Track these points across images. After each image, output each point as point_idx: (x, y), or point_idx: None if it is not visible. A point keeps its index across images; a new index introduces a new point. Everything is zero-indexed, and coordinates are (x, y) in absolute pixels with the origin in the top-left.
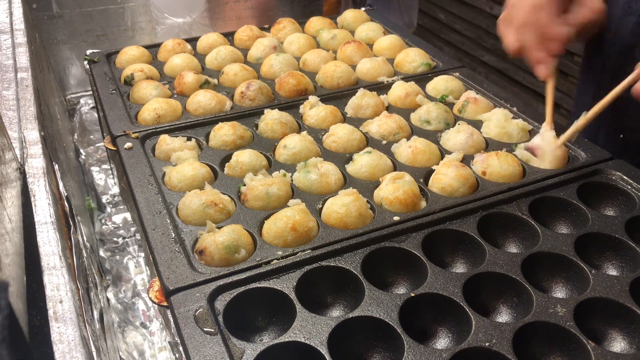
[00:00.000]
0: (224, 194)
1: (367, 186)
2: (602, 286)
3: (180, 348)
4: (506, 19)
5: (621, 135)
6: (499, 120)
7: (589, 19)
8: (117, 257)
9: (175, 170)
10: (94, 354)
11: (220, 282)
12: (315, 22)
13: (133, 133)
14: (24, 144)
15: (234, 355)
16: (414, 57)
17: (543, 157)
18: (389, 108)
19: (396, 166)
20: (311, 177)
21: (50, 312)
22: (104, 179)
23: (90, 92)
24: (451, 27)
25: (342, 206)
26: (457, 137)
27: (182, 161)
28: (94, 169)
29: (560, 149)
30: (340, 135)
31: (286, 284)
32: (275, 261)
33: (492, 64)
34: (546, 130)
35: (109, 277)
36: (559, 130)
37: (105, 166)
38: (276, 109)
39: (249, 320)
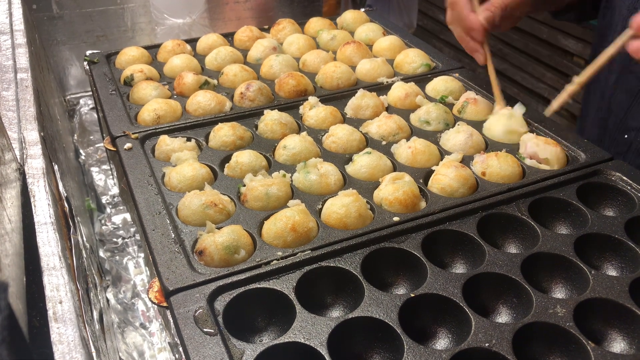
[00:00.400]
0: (223, 194)
1: (367, 187)
2: (602, 287)
3: (180, 349)
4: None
5: (626, 136)
6: (503, 118)
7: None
8: (117, 257)
9: (175, 170)
10: (94, 354)
11: (220, 282)
12: (315, 23)
13: (133, 134)
14: (23, 144)
15: (233, 355)
16: (413, 58)
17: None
18: (389, 109)
19: (396, 167)
20: (311, 178)
21: (50, 313)
22: (104, 179)
23: (90, 93)
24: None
25: (342, 207)
26: (456, 138)
27: (182, 162)
28: (94, 169)
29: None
30: (340, 135)
31: (286, 285)
32: (275, 262)
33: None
34: (500, 109)
35: (109, 277)
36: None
37: (105, 167)
38: (276, 110)
39: (249, 320)
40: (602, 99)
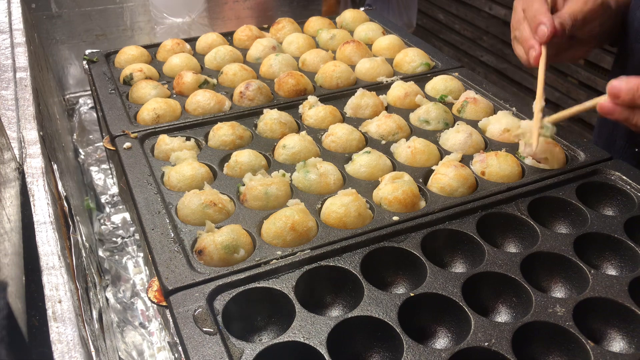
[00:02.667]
0: (223, 193)
1: (366, 186)
2: (601, 286)
3: (180, 348)
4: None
5: (636, 149)
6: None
7: (580, 9)
8: (116, 257)
9: (174, 170)
10: (93, 354)
11: (220, 282)
12: (315, 22)
13: (132, 133)
14: (22, 143)
15: (233, 355)
16: (413, 57)
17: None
18: (388, 108)
19: (395, 166)
20: (310, 177)
21: (49, 312)
22: (103, 178)
23: (89, 92)
24: (450, 27)
25: (342, 206)
26: (456, 137)
27: (181, 161)
28: (93, 168)
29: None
30: (339, 135)
31: (285, 284)
32: (274, 261)
33: (491, 64)
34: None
35: (108, 277)
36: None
37: (104, 166)
38: (275, 109)
39: (248, 320)
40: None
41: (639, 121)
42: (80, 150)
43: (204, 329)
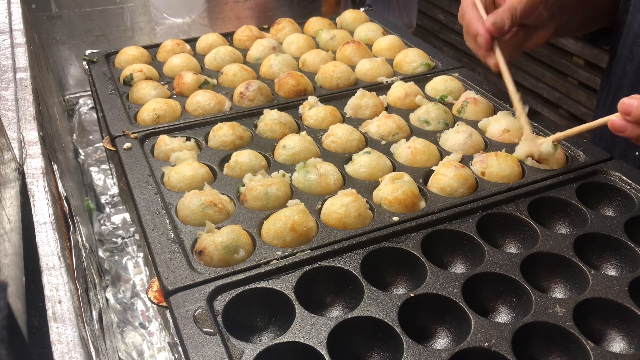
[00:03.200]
0: (223, 194)
1: (366, 186)
2: (601, 286)
3: (180, 348)
4: None
5: (637, 153)
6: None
7: (519, 1)
8: (116, 257)
9: (174, 170)
10: (93, 354)
11: (220, 282)
12: (315, 23)
13: (132, 133)
14: (22, 144)
15: (233, 355)
16: (413, 58)
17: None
18: (388, 108)
19: (395, 166)
20: (310, 178)
21: (49, 313)
22: (103, 179)
23: (89, 93)
24: (450, 28)
25: (342, 206)
26: (456, 138)
27: (181, 161)
28: (93, 169)
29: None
30: (339, 135)
31: (285, 284)
32: (274, 261)
33: None
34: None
35: (108, 277)
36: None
37: (104, 166)
38: (275, 109)
39: (248, 320)
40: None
41: None
42: (81, 151)
43: (204, 330)
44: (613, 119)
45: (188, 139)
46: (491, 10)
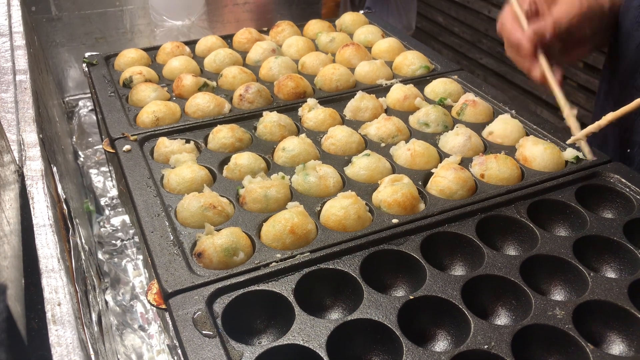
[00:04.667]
0: (222, 196)
1: (366, 189)
2: (601, 289)
3: (179, 351)
4: None
5: (628, 150)
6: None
7: (566, 15)
8: (116, 259)
9: (173, 172)
10: (92, 356)
11: (219, 284)
12: (314, 25)
13: (132, 135)
14: (22, 146)
15: (232, 357)
16: (412, 60)
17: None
18: (388, 111)
19: (395, 169)
20: (310, 180)
21: (49, 315)
22: (103, 181)
23: (89, 95)
24: (450, 30)
25: (341, 209)
26: (455, 140)
27: (181, 164)
28: (93, 171)
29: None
30: (339, 137)
31: (285, 287)
32: (273, 264)
33: (491, 67)
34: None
35: (108, 279)
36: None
37: (103, 169)
38: (275, 112)
39: (248, 322)
40: (604, 112)
41: None
42: (80, 153)
43: (204, 332)
44: None
45: (187, 141)
46: (533, 21)
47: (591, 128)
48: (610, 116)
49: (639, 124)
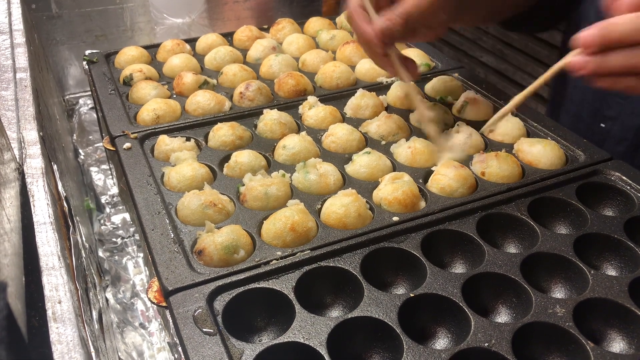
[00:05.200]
0: (223, 194)
1: (366, 186)
2: (601, 286)
3: (179, 348)
4: None
5: (602, 125)
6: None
7: (415, 5)
8: (116, 257)
9: (174, 170)
10: (93, 354)
11: (220, 282)
12: (315, 23)
13: (132, 133)
14: (22, 144)
15: (233, 355)
16: (413, 58)
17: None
18: (388, 108)
19: (395, 166)
20: (310, 178)
21: (49, 313)
22: (103, 179)
23: (89, 93)
24: (450, 28)
25: (341, 206)
26: (456, 138)
27: (181, 161)
28: (93, 169)
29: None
30: (339, 135)
31: (285, 285)
32: (274, 261)
33: (491, 65)
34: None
35: (108, 277)
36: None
37: (104, 166)
38: (275, 109)
39: (248, 320)
40: (575, 89)
41: (611, 64)
42: (80, 151)
43: (204, 330)
44: (570, 60)
45: (188, 139)
46: (384, 11)
47: (500, 113)
48: (517, 99)
49: (612, 99)
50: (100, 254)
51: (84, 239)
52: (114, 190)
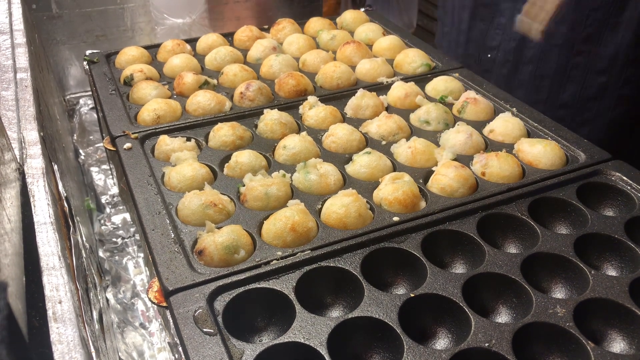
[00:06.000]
0: (223, 194)
1: (367, 187)
2: (602, 287)
3: (180, 349)
4: None
5: (489, 55)
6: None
7: None
8: (117, 257)
9: (174, 170)
10: (93, 354)
11: (220, 282)
12: (315, 23)
13: (132, 133)
14: (23, 144)
15: (233, 355)
16: (413, 58)
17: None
18: (389, 108)
19: (396, 167)
20: (311, 178)
21: (50, 313)
22: (104, 179)
23: (90, 93)
24: None
25: (342, 207)
26: (456, 138)
27: (182, 162)
28: (94, 169)
29: None
30: (339, 135)
31: (286, 285)
32: (274, 262)
33: None
34: None
35: (108, 277)
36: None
37: (104, 167)
38: (276, 110)
39: (249, 320)
40: (460, 27)
41: None
42: (81, 151)
43: (204, 330)
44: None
45: (188, 139)
46: None
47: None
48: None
49: (492, 31)
50: (101, 254)
51: (84, 239)
52: (115, 190)
